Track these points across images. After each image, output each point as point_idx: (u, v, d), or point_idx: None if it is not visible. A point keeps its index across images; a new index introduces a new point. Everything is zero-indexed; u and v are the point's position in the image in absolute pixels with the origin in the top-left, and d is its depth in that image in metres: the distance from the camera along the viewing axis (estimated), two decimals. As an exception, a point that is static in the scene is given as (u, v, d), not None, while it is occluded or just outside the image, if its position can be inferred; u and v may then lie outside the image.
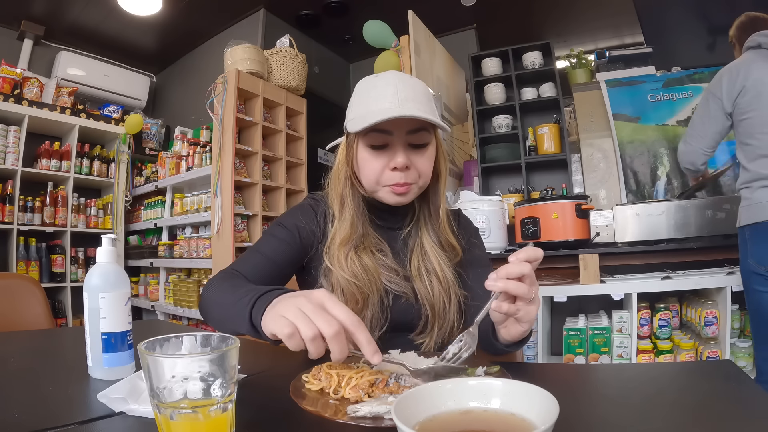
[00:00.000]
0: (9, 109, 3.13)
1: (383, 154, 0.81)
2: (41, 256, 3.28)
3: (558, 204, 2.01)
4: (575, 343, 2.00)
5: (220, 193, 2.76)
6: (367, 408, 0.49)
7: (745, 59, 1.61)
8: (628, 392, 0.60)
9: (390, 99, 0.77)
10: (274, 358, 0.83)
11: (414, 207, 0.90)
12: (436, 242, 0.88)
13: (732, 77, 1.58)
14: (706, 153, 1.70)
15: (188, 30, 3.86)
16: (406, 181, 0.80)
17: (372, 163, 0.81)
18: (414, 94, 0.80)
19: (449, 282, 0.85)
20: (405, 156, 0.79)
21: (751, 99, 1.53)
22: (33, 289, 1.37)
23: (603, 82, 2.86)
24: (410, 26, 2.63)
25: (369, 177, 0.82)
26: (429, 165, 0.83)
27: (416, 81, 0.84)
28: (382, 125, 0.77)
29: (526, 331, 0.66)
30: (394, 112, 0.75)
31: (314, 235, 0.88)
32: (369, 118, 0.76)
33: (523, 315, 0.62)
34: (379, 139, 0.80)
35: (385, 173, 0.81)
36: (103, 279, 0.68)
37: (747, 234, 1.54)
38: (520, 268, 0.59)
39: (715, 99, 1.63)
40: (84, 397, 0.60)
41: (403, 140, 0.80)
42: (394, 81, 0.80)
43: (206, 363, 0.39)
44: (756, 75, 1.53)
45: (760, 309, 1.53)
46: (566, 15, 3.85)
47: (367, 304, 0.82)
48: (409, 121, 0.78)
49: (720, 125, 1.63)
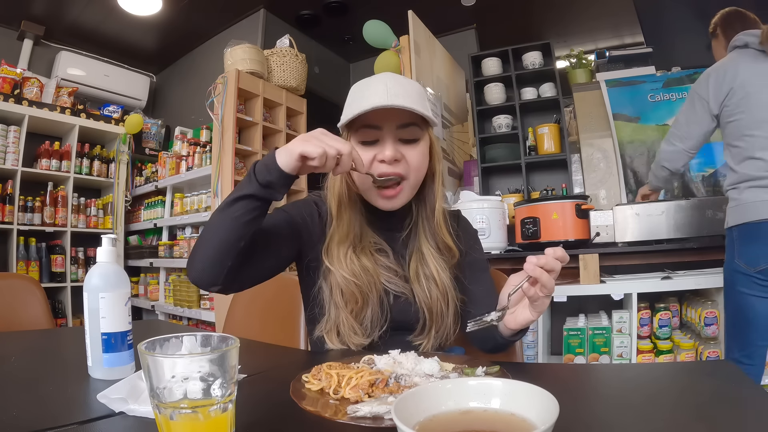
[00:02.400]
0: (9, 109, 3.13)
1: (373, 148, 0.82)
2: (41, 256, 3.28)
3: (558, 204, 2.01)
4: (575, 343, 2.00)
5: (220, 193, 2.76)
6: (367, 408, 0.49)
7: (732, 59, 1.57)
8: (628, 392, 0.60)
9: (380, 95, 0.79)
10: (274, 358, 0.84)
11: (412, 208, 0.91)
12: (433, 246, 0.88)
13: (719, 79, 1.55)
14: (689, 154, 1.67)
15: (188, 30, 3.86)
16: (395, 171, 0.81)
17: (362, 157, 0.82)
18: (405, 90, 0.81)
19: (447, 287, 0.87)
20: (394, 148, 0.80)
21: (738, 101, 1.51)
22: (33, 289, 1.37)
23: (603, 82, 2.86)
24: (410, 26, 2.63)
25: None
26: (421, 159, 0.84)
27: (410, 81, 0.85)
28: (371, 120, 0.79)
29: (532, 320, 0.71)
30: (383, 104, 0.76)
31: (311, 230, 0.88)
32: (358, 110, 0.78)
33: (539, 304, 0.69)
34: (369, 134, 0.82)
35: (374, 166, 0.82)
36: (103, 279, 0.68)
37: (735, 235, 1.52)
38: (554, 264, 0.67)
39: (701, 100, 1.59)
40: (84, 397, 0.60)
41: (393, 134, 0.81)
42: (386, 79, 0.82)
43: (206, 363, 0.39)
44: (744, 76, 1.51)
45: (740, 311, 1.51)
46: (566, 15, 3.85)
47: (367, 303, 0.83)
48: (398, 115, 0.79)
49: (705, 127, 1.61)
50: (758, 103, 1.47)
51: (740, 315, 1.51)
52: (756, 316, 1.47)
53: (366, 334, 0.83)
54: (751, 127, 1.48)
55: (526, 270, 0.68)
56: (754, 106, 1.48)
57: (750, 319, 1.48)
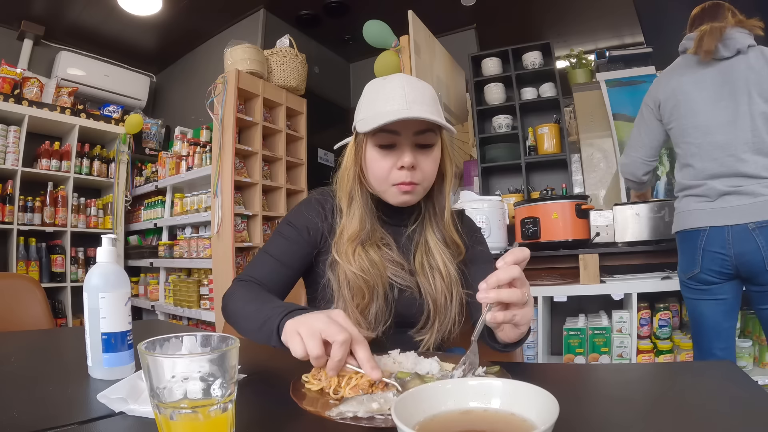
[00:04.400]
0: (9, 109, 3.13)
1: (391, 153, 0.83)
2: (41, 256, 3.28)
3: (558, 204, 2.01)
4: (575, 343, 2.00)
5: (220, 193, 2.76)
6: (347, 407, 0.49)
7: (672, 66, 1.58)
8: (628, 392, 0.60)
9: (398, 101, 0.80)
10: (274, 358, 0.84)
11: (420, 206, 0.92)
12: (440, 239, 0.90)
13: (657, 86, 1.57)
14: (647, 163, 1.64)
15: (188, 30, 3.86)
16: (412, 180, 0.82)
17: (380, 162, 0.83)
18: (422, 96, 0.82)
19: (452, 279, 0.87)
20: (412, 155, 0.82)
21: (672, 108, 1.51)
22: (33, 289, 1.37)
23: (603, 82, 2.86)
24: (410, 26, 2.63)
25: (377, 175, 0.85)
26: (433, 167, 0.85)
27: (423, 84, 0.87)
28: (390, 126, 0.80)
29: (523, 332, 0.67)
30: (403, 114, 0.77)
31: (321, 230, 0.90)
32: (378, 119, 0.79)
33: (519, 319, 0.62)
34: (387, 139, 0.82)
35: (393, 172, 0.83)
36: (103, 279, 0.68)
37: (676, 243, 1.56)
38: (510, 272, 0.59)
39: (648, 108, 1.60)
40: (84, 397, 0.60)
41: (410, 140, 0.82)
42: (402, 83, 0.83)
43: (206, 363, 0.39)
44: (675, 83, 1.50)
45: (691, 316, 1.54)
46: (566, 15, 3.85)
47: (373, 297, 0.84)
48: (416, 122, 0.80)
49: (656, 134, 1.60)
50: (687, 110, 1.47)
51: (693, 320, 1.53)
52: (704, 318, 1.48)
53: (370, 329, 0.84)
54: (684, 134, 1.49)
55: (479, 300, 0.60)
56: (684, 113, 1.47)
57: (700, 323, 1.50)
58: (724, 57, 1.42)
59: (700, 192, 1.45)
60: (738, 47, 1.40)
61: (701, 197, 1.45)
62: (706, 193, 1.43)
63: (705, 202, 1.44)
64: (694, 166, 1.46)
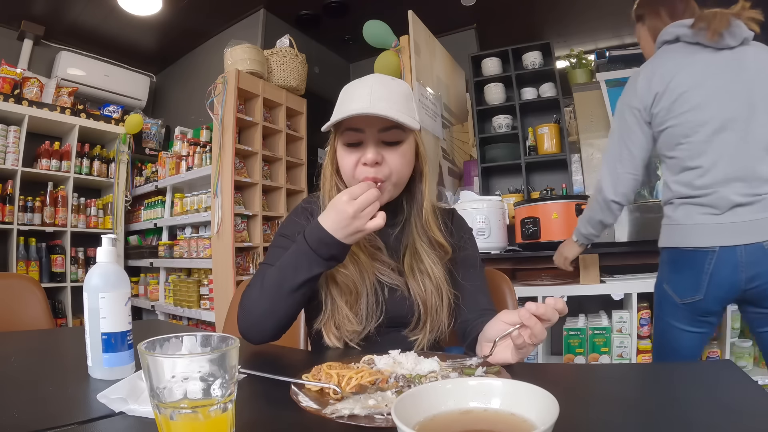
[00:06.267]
0: (9, 109, 3.13)
1: (357, 150, 0.84)
2: (41, 256, 3.28)
3: (558, 204, 2.01)
4: (575, 343, 2.00)
5: (220, 193, 2.76)
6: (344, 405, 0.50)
7: (659, 57, 1.33)
8: (628, 392, 0.60)
9: (364, 99, 0.81)
10: (274, 358, 0.84)
11: (403, 205, 0.93)
12: (426, 242, 0.90)
13: (647, 81, 1.31)
14: (636, 178, 1.36)
15: (188, 30, 3.86)
16: (376, 176, 0.83)
17: (347, 159, 0.85)
18: (389, 94, 0.82)
19: (440, 281, 0.88)
20: (375, 152, 0.82)
21: (670, 105, 1.26)
22: (33, 289, 1.37)
23: (603, 82, 2.86)
24: (410, 26, 2.63)
25: (345, 172, 0.87)
26: (402, 162, 0.85)
27: (398, 82, 0.87)
28: (353, 123, 0.82)
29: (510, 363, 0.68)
30: (364, 111, 0.79)
31: None
32: (338, 116, 0.81)
33: (523, 351, 0.67)
34: (352, 137, 0.84)
35: (359, 168, 0.84)
36: (103, 279, 0.68)
37: (665, 257, 1.32)
38: (552, 314, 0.65)
39: (633, 112, 1.34)
40: (84, 397, 0.60)
41: (375, 138, 0.83)
42: (371, 83, 0.84)
43: (206, 363, 0.39)
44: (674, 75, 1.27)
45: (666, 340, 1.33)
46: (566, 15, 3.85)
47: (361, 294, 0.85)
48: (379, 119, 0.81)
49: (644, 143, 1.34)
50: (693, 104, 1.24)
51: (666, 345, 1.33)
52: (681, 347, 1.29)
53: (361, 323, 0.85)
54: (687, 133, 1.25)
55: (520, 317, 0.65)
56: (688, 108, 1.24)
57: (676, 350, 1.30)
58: (729, 46, 1.23)
59: (705, 202, 1.21)
60: (745, 35, 1.23)
61: (706, 208, 1.21)
62: (714, 204, 1.20)
63: (711, 215, 1.20)
64: (700, 168, 1.22)
